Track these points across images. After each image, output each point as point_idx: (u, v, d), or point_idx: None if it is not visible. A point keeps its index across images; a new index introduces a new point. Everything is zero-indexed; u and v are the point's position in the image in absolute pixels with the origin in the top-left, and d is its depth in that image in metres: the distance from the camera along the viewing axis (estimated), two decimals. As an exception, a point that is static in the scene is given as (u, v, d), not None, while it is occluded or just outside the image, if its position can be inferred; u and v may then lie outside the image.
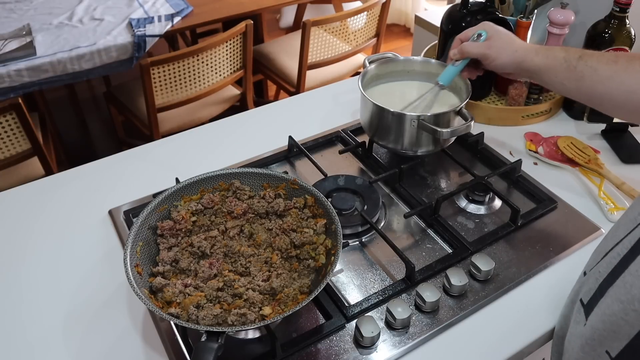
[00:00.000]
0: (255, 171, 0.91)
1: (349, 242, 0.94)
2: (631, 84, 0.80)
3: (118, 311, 0.84)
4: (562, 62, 0.86)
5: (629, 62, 0.81)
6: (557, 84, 0.89)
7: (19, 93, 1.89)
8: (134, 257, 0.77)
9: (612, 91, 0.82)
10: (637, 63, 0.80)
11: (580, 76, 0.85)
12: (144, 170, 1.12)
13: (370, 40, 2.50)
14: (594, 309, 0.61)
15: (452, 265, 0.89)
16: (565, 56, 0.86)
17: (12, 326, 0.82)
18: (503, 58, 0.93)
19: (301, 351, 0.77)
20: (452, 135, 0.99)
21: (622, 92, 0.81)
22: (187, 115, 2.23)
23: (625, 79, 0.80)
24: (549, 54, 0.89)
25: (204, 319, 0.70)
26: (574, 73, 0.85)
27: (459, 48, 0.98)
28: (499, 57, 0.94)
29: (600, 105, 0.87)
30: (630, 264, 0.57)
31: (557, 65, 0.87)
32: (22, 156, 1.81)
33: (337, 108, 1.30)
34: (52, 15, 2.15)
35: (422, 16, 2.31)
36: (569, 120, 1.26)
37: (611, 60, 0.82)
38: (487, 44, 0.95)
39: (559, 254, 0.92)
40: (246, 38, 2.12)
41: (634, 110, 0.82)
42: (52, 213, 1.02)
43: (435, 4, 3.85)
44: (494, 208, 1.02)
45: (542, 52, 0.90)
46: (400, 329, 0.80)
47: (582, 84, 0.85)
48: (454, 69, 1.01)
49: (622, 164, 1.12)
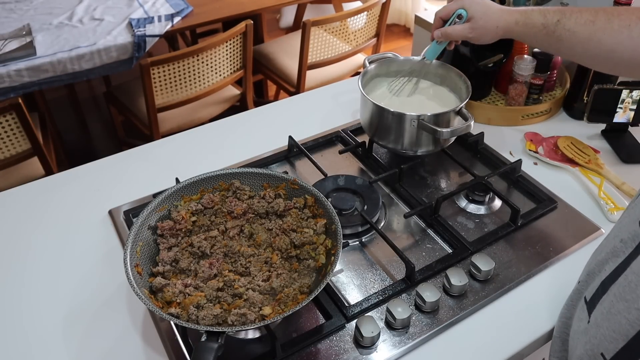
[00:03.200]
0: (255, 171, 0.91)
1: (349, 242, 0.94)
2: (609, 43, 0.81)
3: (118, 311, 0.84)
4: (540, 28, 0.88)
5: (607, 21, 0.81)
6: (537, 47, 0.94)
7: (19, 93, 1.89)
8: (134, 257, 0.77)
9: (591, 51, 0.83)
10: (614, 22, 0.81)
11: (559, 39, 0.86)
12: (144, 170, 1.12)
13: (370, 40, 2.50)
14: (597, 306, 0.62)
15: (452, 265, 0.89)
16: (543, 22, 0.87)
17: (13, 326, 0.82)
18: (486, 37, 0.95)
19: (301, 351, 0.77)
20: (452, 135, 0.99)
21: (602, 51, 0.82)
22: (187, 115, 2.23)
23: (603, 38, 0.81)
24: (528, 21, 0.89)
25: (204, 319, 0.70)
26: (553, 37, 0.87)
27: (442, 31, 0.99)
28: (481, 37, 0.95)
29: (582, 61, 0.90)
30: (632, 262, 0.57)
31: (536, 32, 0.88)
32: (22, 156, 1.81)
33: (337, 108, 1.30)
34: (52, 15, 2.15)
35: (422, 16, 2.31)
36: (569, 120, 1.26)
37: (589, 21, 0.83)
38: (468, 27, 0.95)
39: (559, 254, 0.92)
40: (246, 38, 2.12)
41: (614, 67, 0.84)
42: (52, 213, 1.02)
43: (435, 4, 3.84)
44: (494, 208, 1.02)
45: (521, 21, 0.90)
46: (400, 329, 0.80)
47: (561, 45, 0.87)
48: (438, 47, 1.04)
49: (622, 164, 1.12)
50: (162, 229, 0.83)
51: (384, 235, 0.91)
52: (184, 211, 0.86)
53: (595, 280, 0.65)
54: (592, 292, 0.64)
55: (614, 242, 0.63)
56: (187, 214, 0.86)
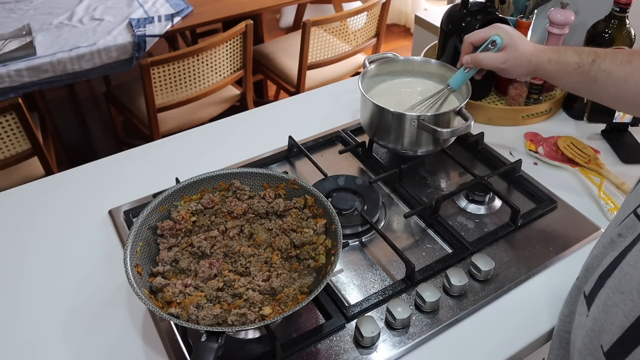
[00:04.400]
0: (255, 171, 0.91)
1: (349, 242, 0.94)
2: None
3: (118, 311, 0.84)
4: (575, 67, 0.86)
5: None
6: (569, 88, 0.90)
7: (19, 93, 1.89)
8: (134, 257, 0.77)
9: (627, 92, 0.81)
10: None
11: (594, 80, 0.84)
12: (144, 170, 1.12)
13: (370, 40, 2.50)
14: (595, 299, 0.62)
15: (452, 265, 0.89)
16: (578, 61, 0.85)
17: (13, 326, 0.82)
18: (518, 71, 0.93)
19: (301, 351, 0.77)
20: (452, 135, 0.99)
21: (637, 91, 0.80)
22: (187, 115, 2.23)
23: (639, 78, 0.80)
24: (562, 60, 0.87)
25: (204, 319, 0.70)
26: (587, 77, 0.84)
27: (473, 58, 0.96)
28: (514, 71, 0.93)
29: (614, 104, 0.87)
30: (627, 254, 0.58)
31: (570, 72, 0.86)
32: (22, 156, 1.81)
33: (337, 108, 1.30)
34: (52, 15, 2.15)
35: (422, 16, 2.31)
36: (569, 120, 1.26)
37: (625, 61, 0.81)
38: (503, 57, 0.92)
39: (559, 254, 0.92)
40: (246, 38, 2.12)
41: None
42: (52, 213, 1.02)
43: (435, 4, 3.84)
44: (494, 208, 1.02)
45: (554, 59, 0.88)
46: (400, 329, 0.80)
47: (595, 86, 0.84)
48: (465, 75, 1.00)
49: (622, 164, 1.12)
50: (162, 229, 0.83)
51: (384, 235, 0.91)
52: (184, 211, 0.86)
53: (593, 275, 0.65)
54: (590, 286, 0.65)
55: (611, 235, 0.64)
56: (187, 214, 0.85)
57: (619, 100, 0.84)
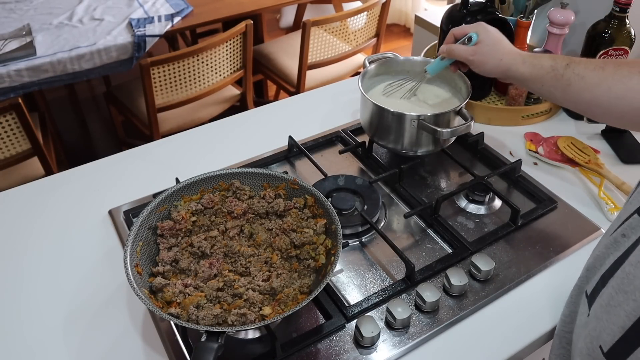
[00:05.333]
0: (255, 171, 0.91)
1: (349, 242, 0.94)
2: (618, 90, 0.80)
3: (118, 311, 0.84)
4: (549, 70, 0.86)
5: (616, 68, 0.80)
6: (543, 92, 0.89)
7: (19, 93, 1.89)
8: (134, 257, 0.77)
9: (599, 97, 0.82)
10: (624, 69, 0.80)
11: (567, 84, 0.84)
12: (144, 170, 1.12)
13: (370, 40, 2.50)
14: (596, 299, 0.62)
15: (452, 265, 0.89)
16: (552, 64, 0.86)
17: (12, 326, 0.82)
18: (487, 66, 0.93)
19: (301, 351, 0.77)
20: (452, 135, 0.99)
21: (610, 98, 0.81)
22: (187, 115, 2.23)
23: (612, 85, 0.80)
24: (536, 62, 0.88)
25: (204, 319, 0.70)
26: (561, 81, 0.85)
27: (447, 47, 0.98)
28: (483, 64, 0.94)
29: (586, 111, 0.87)
30: (630, 254, 0.58)
31: (544, 74, 0.87)
32: (22, 156, 1.81)
33: (337, 108, 1.30)
34: (52, 15, 2.15)
35: (422, 16, 2.31)
36: (569, 120, 1.26)
37: (599, 67, 0.82)
38: (472, 49, 0.94)
39: (559, 254, 0.92)
40: (246, 38, 2.12)
41: (620, 116, 0.82)
42: (52, 213, 1.02)
43: (435, 4, 3.84)
44: (494, 208, 1.02)
45: (528, 61, 0.89)
46: (400, 329, 0.80)
47: (568, 91, 0.85)
48: (442, 63, 1.02)
49: (622, 164, 1.12)
50: (162, 229, 0.83)
51: (384, 235, 0.91)
52: (184, 211, 0.86)
53: (595, 275, 0.65)
54: (592, 286, 0.65)
55: (614, 235, 0.64)
56: (187, 214, 0.85)
57: (592, 106, 0.84)
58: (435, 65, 1.04)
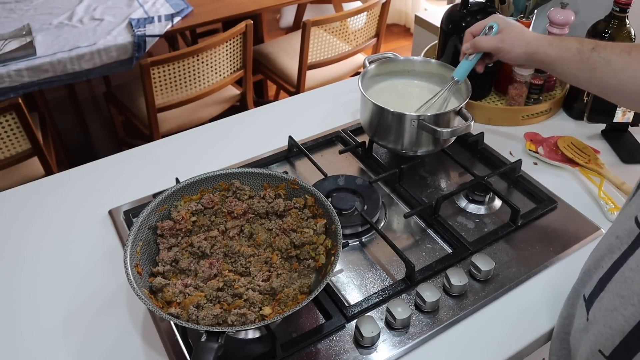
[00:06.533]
0: (255, 171, 0.91)
1: (349, 242, 0.94)
2: None
3: (118, 311, 0.84)
4: (575, 53, 0.86)
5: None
6: (568, 75, 0.89)
7: (19, 93, 1.89)
8: (134, 257, 0.77)
9: (624, 82, 0.81)
10: None
11: (593, 67, 0.84)
12: (144, 170, 1.12)
13: (370, 40, 2.50)
14: (595, 303, 0.62)
15: (452, 265, 0.89)
16: (578, 47, 0.85)
17: (12, 326, 0.82)
18: (516, 50, 0.93)
19: (301, 351, 0.77)
20: (452, 135, 0.99)
21: (635, 83, 0.80)
22: (187, 115, 2.23)
23: (638, 70, 0.79)
24: (562, 44, 0.88)
25: (204, 319, 0.70)
26: (587, 64, 0.84)
27: (472, 42, 0.98)
28: (512, 49, 0.93)
29: (612, 95, 0.86)
30: (628, 259, 0.57)
31: (570, 57, 0.86)
32: (22, 156, 1.81)
33: (337, 108, 1.30)
34: (52, 15, 2.15)
35: (422, 16, 2.31)
36: (569, 120, 1.26)
37: (624, 52, 0.81)
38: (499, 37, 0.94)
39: (559, 254, 0.92)
40: (246, 38, 2.12)
41: None
42: (52, 213, 1.02)
43: (435, 4, 3.84)
44: (494, 208, 1.02)
45: (555, 42, 0.89)
46: (400, 329, 0.80)
47: (594, 75, 0.84)
48: (468, 63, 1.00)
49: (622, 164, 1.12)
50: (162, 229, 0.83)
51: (384, 235, 0.91)
52: (184, 211, 0.86)
53: (593, 278, 0.65)
54: (590, 289, 0.65)
55: (610, 239, 0.63)
56: (187, 214, 0.85)
57: (617, 92, 0.84)
58: (461, 69, 1.02)
